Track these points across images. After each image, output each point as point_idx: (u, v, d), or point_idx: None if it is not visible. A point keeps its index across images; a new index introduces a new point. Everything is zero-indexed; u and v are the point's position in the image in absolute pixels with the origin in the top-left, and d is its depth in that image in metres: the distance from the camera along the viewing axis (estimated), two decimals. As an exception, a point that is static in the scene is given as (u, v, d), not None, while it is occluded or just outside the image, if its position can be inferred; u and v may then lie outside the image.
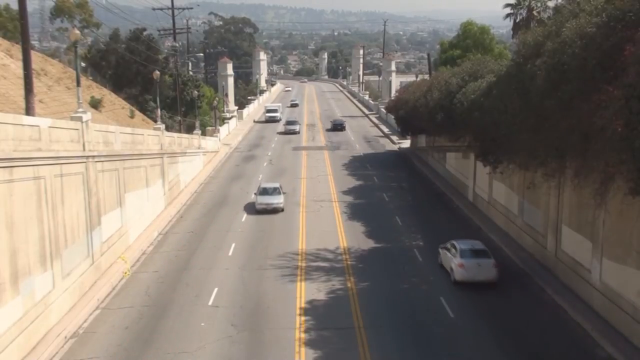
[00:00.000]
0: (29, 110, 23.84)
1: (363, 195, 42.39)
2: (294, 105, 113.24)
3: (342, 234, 33.03)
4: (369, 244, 31.51)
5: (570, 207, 24.09)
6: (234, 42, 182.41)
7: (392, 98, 67.69)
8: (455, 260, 25.53)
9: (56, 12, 72.75)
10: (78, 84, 26.69)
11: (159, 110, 44.15)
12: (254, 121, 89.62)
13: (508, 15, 54.59)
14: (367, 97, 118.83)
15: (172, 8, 61.26)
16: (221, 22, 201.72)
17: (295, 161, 56.14)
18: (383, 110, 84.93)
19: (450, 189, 43.29)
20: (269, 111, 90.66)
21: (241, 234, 33.47)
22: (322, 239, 32.14)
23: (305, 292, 24.86)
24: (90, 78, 62.63)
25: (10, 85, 36.64)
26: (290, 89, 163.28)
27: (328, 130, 78.68)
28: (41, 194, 20.05)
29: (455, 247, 26.08)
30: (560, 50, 18.91)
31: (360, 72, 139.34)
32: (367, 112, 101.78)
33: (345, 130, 77.86)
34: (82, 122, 24.29)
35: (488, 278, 24.99)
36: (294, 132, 73.82)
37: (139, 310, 23.39)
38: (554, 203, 25.56)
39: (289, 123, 77.77)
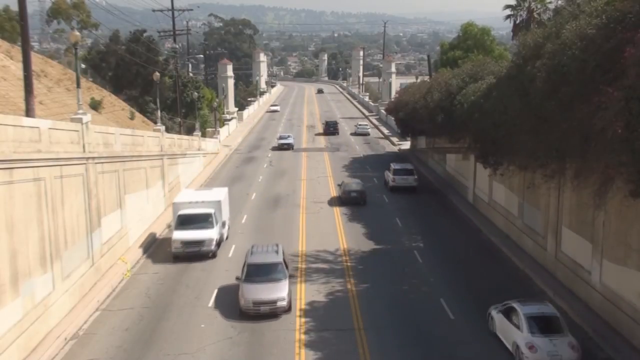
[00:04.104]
0: (29, 112, 23.82)
1: (363, 197, 42.30)
2: (284, 148, 63.24)
3: (342, 236, 33.02)
4: (369, 245, 31.49)
5: (570, 208, 24.09)
6: (233, 43, 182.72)
7: (392, 99, 67.69)
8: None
9: (53, 14, 72.55)
10: (78, 85, 26.72)
11: (159, 111, 44.26)
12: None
13: (508, 16, 54.55)
14: (367, 99, 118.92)
15: (172, 10, 61.23)
16: (221, 24, 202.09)
17: (295, 163, 56.08)
18: (383, 111, 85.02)
19: (450, 190, 43.27)
20: (179, 218, 30.16)
21: (241, 235, 33.43)
22: (322, 240, 32.12)
23: (305, 293, 24.86)
24: (90, 79, 62.67)
25: (10, 86, 36.61)
26: (277, 108, 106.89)
27: (316, 93, 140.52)
28: (41, 196, 20.06)
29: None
30: (560, 52, 18.92)
31: (360, 74, 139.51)
32: (367, 113, 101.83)
33: (324, 93, 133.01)
34: (82, 124, 24.33)
35: None
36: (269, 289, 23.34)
37: (139, 311, 23.39)
38: (554, 204, 25.55)
39: (255, 254, 24.80)
